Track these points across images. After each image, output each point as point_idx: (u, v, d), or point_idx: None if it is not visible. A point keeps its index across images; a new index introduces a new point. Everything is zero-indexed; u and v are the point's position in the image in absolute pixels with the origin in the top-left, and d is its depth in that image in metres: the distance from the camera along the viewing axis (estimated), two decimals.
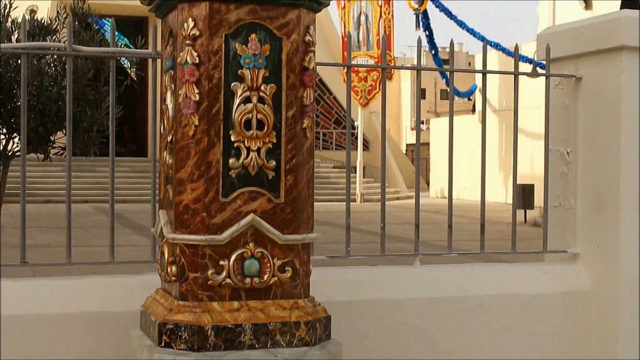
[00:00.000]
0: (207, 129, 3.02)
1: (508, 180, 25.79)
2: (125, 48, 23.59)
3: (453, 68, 4.23)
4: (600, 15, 4.40)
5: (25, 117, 3.76)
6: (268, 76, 3.06)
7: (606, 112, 4.21)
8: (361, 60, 25.01)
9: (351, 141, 5.27)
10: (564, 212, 4.44)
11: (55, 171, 23.42)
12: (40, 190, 23.45)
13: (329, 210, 15.22)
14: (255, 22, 3.05)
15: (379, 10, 24.63)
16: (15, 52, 4.47)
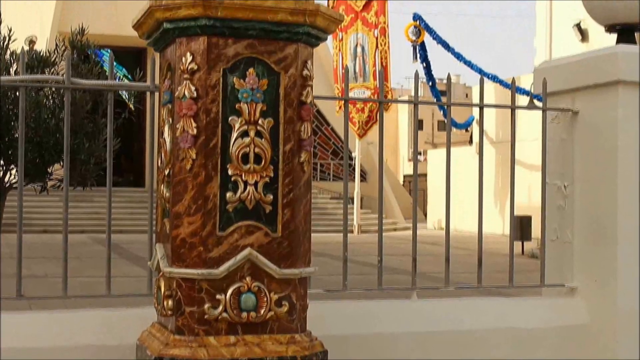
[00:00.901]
0: (204, 162, 3.03)
1: (505, 212, 25.78)
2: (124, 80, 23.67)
3: (450, 102, 4.25)
4: (597, 50, 4.43)
5: (22, 149, 3.77)
6: (266, 110, 3.07)
7: (603, 146, 4.22)
8: (358, 92, 25.08)
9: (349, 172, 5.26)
10: (562, 245, 4.44)
11: (52, 201, 23.40)
12: (37, 220, 23.39)
13: (327, 241, 15.18)
14: (253, 57, 3.07)
15: (375, 41, 24.74)
16: (14, 85, 4.48)
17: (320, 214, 26.58)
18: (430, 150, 37.68)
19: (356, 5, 25.19)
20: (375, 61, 24.67)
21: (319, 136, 31.83)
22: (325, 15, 3.12)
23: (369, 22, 24.95)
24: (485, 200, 4.45)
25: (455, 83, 61.03)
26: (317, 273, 3.44)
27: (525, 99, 20.85)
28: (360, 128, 25.50)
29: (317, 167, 32.04)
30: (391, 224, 29.80)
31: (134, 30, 3.36)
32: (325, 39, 3.26)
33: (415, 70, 4.24)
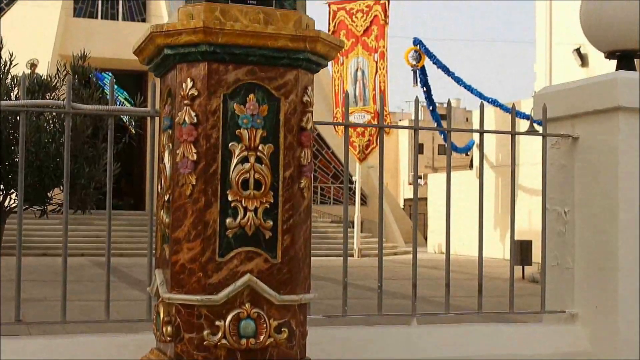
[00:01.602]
0: (204, 188, 3.02)
1: (505, 236, 25.75)
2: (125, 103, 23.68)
3: (450, 127, 4.25)
4: (597, 76, 4.43)
5: (22, 174, 3.77)
6: (266, 136, 3.07)
7: (603, 172, 4.22)
8: (358, 115, 25.12)
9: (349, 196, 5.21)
10: (562, 271, 4.42)
11: (52, 223, 23.37)
12: (37, 242, 23.36)
13: (326, 265, 15.15)
14: (254, 83, 3.07)
15: (375, 65, 24.82)
16: (15, 109, 4.49)
17: (320, 237, 26.55)
18: (431, 174, 37.70)
19: (357, 29, 25.29)
20: (376, 85, 24.74)
21: (319, 160, 31.85)
22: (325, 41, 3.13)
23: (369, 47, 25.04)
24: (485, 225, 4.45)
25: (455, 107, 61.13)
26: (317, 297, 3.43)
27: (526, 123, 20.88)
28: (361, 152, 25.52)
29: (318, 191, 32.04)
30: (391, 247, 29.76)
31: (135, 56, 3.37)
32: (325, 65, 3.27)
33: (416, 96, 4.24)
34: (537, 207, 4.63)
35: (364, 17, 25.24)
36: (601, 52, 4.63)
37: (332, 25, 25.64)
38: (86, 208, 12.55)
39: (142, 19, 31.53)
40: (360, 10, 25.33)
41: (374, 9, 25.00)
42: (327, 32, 15.03)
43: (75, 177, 11.83)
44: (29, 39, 26.64)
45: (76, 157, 11.80)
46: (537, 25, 25.73)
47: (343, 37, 25.05)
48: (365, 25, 25.11)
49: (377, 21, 24.92)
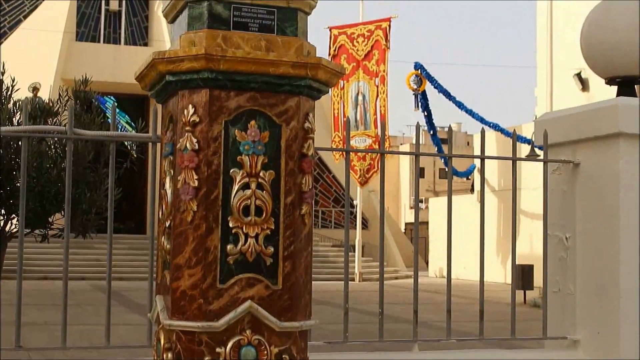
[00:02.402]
0: (205, 214, 3.02)
1: (507, 261, 25.71)
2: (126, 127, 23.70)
3: (451, 153, 4.26)
4: (597, 103, 4.44)
5: (24, 199, 3.77)
6: (267, 163, 3.07)
7: (604, 198, 4.22)
8: (359, 139, 25.14)
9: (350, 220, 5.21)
10: (564, 297, 4.41)
11: (53, 247, 23.35)
12: (38, 266, 23.33)
13: (328, 289, 15.11)
14: (255, 109, 3.08)
15: (375, 90, 24.88)
16: (17, 135, 4.50)
17: (321, 261, 26.52)
18: (432, 199, 37.67)
19: (358, 54, 25.36)
20: (377, 109, 24.77)
21: (320, 184, 31.86)
22: (327, 68, 3.14)
23: (370, 71, 25.10)
24: (487, 249, 4.44)
25: (456, 131, 61.22)
26: (318, 322, 3.42)
27: (527, 148, 20.90)
28: (362, 176, 25.52)
29: (319, 215, 32.02)
30: (392, 272, 29.71)
31: (137, 82, 3.38)
32: (326, 91, 3.28)
33: (417, 122, 4.25)
34: (539, 232, 4.63)
35: (365, 41, 25.31)
36: (602, 78, 4.64)
37: (333, 49, 25.70)
38: (87, 233, 12.53)
39: (144, 43, 31.67)
40: (361, 34, 25.42)
41: (375, 33, 25.08)
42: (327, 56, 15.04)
43: (77, 202, 11.84)
44: (32, 63, 26.74)
45: (77, 182, 11.81)
46: (538, 50, 25.82)
47: (344, 61, 25.13)
48: (366, 50, 25.18)
49: (378, 45, 24.99)
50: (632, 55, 4.45)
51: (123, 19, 31.69)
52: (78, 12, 31.24)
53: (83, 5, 31.38)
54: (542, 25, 24.85)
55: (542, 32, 24.99)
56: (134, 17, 32.06)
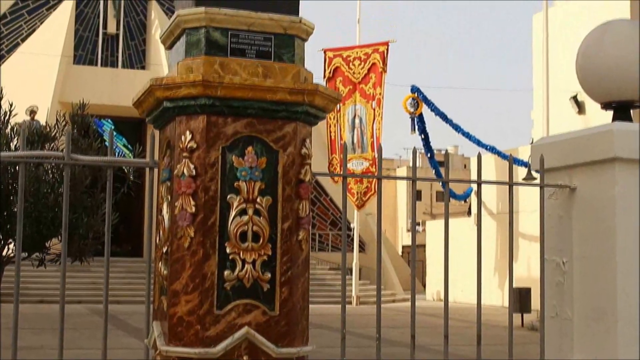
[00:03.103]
0: (202, 240, 3.03)
1: (504, 284, 25.67)
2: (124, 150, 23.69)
3: (448, 178, 4.27)
4: (593, 127, 4.45)
5: (21, 224, 3.77)
6: (264, 188, 3.08)
7: (601, 223, 4.22)
8: (356, 162, 25.13)
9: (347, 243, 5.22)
10: (561, 322, 4.41)
11: (49, 271, 23.30)
12: (34, 290, 23.26)
13: (325, 313, 15.10)
14: (252, 135, 3.09)
15: (372, 113, 24.91)
16: (15, 161, 4.51)
17: (318, 285, 26.46)
18: (429, 222, 37.65)
19: (354, 77, 25.41)
20: (374, 132, 24.80)
21: (317, 207, 31.84)
22: (323, 94, 3.15)
23: (366, 94, 25.14)
24: (484, 272, 4.44)
25: (453, 154, 61.30)
26: (316, 345, 3.42)
27: (524, 171, 20.94)
28: (359, 199, 25.50)
29: (316, 238, 31.98)
30: (390, 295, 29.64)
31: (135, 108, 3.39)
32: (323, 117, 3.29)
33: (414, 147, 4.26)
34: (536, 254, 4.63)
35: (361, 64, 25.36)
36: (597, 103, 4.66)
37: (328, 71, 25.72)
38: (84, 258, 12.51)
39: (141, 67, 31.75)
40: (357, 57, 25.47)
41: (372, 56, 25.14)
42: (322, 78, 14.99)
43: (74, 227, 11.83)
44: (29, 86, 26.79)
45: (75, 207, 11.80)
46: (534, 73, 25.91)
47: (339, 84, 25.18)
48: (363, 73, 25.23)
49: (375, 69, 25.04)
50: (627, 80, 4.47)
51: (121, 43, 31.78)
52: (76, 36, 31.32)
53: (81, 28, 31.48)
54: (538, 49, 24.95)
55: (538, 55, 25.08)
56: (132, 40, 32.15)
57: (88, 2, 31.70)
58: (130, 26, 32.18)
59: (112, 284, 21.35)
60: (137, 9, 32.33)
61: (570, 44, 22.17)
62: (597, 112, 4.78)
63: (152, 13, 31.90)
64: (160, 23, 30.59)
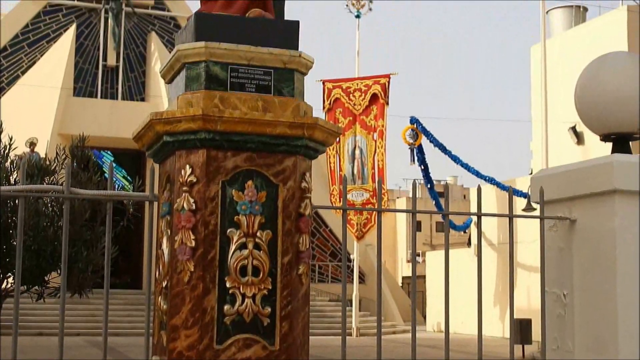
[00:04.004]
0: (202, 275, 3.02)
1: (505, 315, 25.58)
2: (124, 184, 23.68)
3: (447, 211, 4.26)
4: (593, 159, 4.46)
5: (20, 258, 3.75)
6: (264, 222, 3.08)
7: (601, 255, 4.21)
8: (356, 193, 25.12)
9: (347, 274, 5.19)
10: (562, 354, 4.38)
11: (48, 303, 23.21)
12: (33, 322, 23.16)
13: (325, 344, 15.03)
14: (252, 169, 3.09)
15: (374, 144, 24.92)
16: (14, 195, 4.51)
17: (318, 316, 26.36)
18: (429, 252, 37.57)
19: (354, 108, 25.46)
20: (375, 164, 24.80)
21: (317, 238, 31.79)
22: (323, 128, 3.16)
23: (367, 125, 25.18)
24: (485, 303, 4.43)
25: (452, 184, 61.31)
26: None
27: (523, 202, 20.92)
28: (359, 230, 25.46)
29: (315, 269, 31.89)
30: (390, 326, 29.52)
31: (134, 142, 3.39)
32: (323, 151, 3.30)
33: (414, 180, 4.26)
34: (536, 285, 4.61)
35: (362, 95, 25.42)
36: (596, 135, 4.67)
37: (328, 102, 25.76)
38: (83, 292, 12.45)
39: (141, 99, 31.84)
40: (357, 89, 25.54)
41: (372, 88, 25.20)
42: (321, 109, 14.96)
43: (73, 261, 11.79)
44: (29, 117, 26.85)
45: (74, 240, 11.77)
46: (533, 103, 25.99)
47: (339, 115, 25.21)
48: (364, 104, 25.28)
49: (376, 101, 25.09)
50: (626, 112, 4.48)
51: (120, 75, 31.90)
52: (76, 68, 31.44)
53: (81, 61, 31.61)
54: (537, 80, 25.04)
55: (536, 86, 25.17)
56: (131, 72, 32.27)
57: (88, 35, 31.87)
58: (130, 58, 32.31)
59: (111, 316, 21.27)
60: (136, 41, 32.48)
61: (568, 75, 22.28)
62: (596, 142, 4.79)
63: (152, 45, 32.04)
64: (159, 55, 30.71)
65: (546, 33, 24.32)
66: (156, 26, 32.61)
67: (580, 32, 24.96)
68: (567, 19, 27.35)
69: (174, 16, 32.59)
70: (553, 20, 27.74)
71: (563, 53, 24.67)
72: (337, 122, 24.70)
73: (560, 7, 28.13)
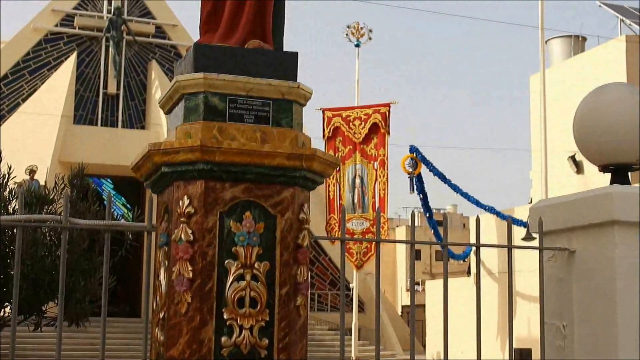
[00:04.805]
0: (199, 306, 3.00)
1: (505, 344, 25.45)
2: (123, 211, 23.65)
3: (446, 242, 4.25)
4: (592, 190, 4.45)
5: (17, 287, 3.74)
6: (262, 253, 3.07)
7: (601, 286, 4.20)
8: (356, 222, 25.07)
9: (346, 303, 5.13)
10: None
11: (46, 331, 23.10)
12: (31, 350, 23.05)
13: None
14: (250, 200, 3.09)
15: (374, 173, 24.89)
16: (13, 225, 4.50)
17: (317, 345, 26.23)
18: (429, 281, 37.45)
19: (355, 137, 25.47)
20: (375, 192, 24.77)
21: (316, 266, 31.71)
22: (321, 159, 3.16)
23: (368, 155, 25.17)
24: (485, 332, 4.40)
25: (452, 213, 61.25)
26: None
27: (522, 231, 20.90)
28: (358, 259, 25.39)
29: (315, 298, 31.78)
30: (390, 355, 29.39)
31: (133, 172, 3.39)
32: (321, 182, 3.29)
33: (412, 211, 4.26)
34: (536, 315, 4.60)
35: (362, 124, 25.43)
36: (595, 165, 4.66)
37: (328, 131, 25.76)
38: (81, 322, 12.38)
39: (141, 126, 31.89)
40: (357, 118, 25.56)
41: (372, 117, 25.22)
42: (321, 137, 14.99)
43: (71, 291, 11.73)
44: (30, 145, 26.88)
45: (72, 270, 11.72)
46: (532, 132, 26.04)
47: (339, 144, 25.22)
48: (364, 133, 25.28)
49: (377, 130, 25.10)
50: (624, 143, 4.48)
51: (121, 103, 31.96)
52: (76, 96, 31.51)
53: (81, 88, 31.68)
54: (536, 109, 25.11)
55: (536, 115, 25.22)
56: (132, 100, 32.34)
57: (89, 63, 31.97)
58: (130, 86, 32.40)
59: (109, 344, 21.18)
60: (137, 69, 32.58)
61: (567, 104, 22.33)
62: (596, 172, 4.79)
63: (152, 73, 32.14)
64: (160, 83, 30.80)
65: (545, 62, 24.40)
66: (157, 54, 32.73)
67: (579, 62, 25.05)
68: (566, 49, 27.47)
69: (175, 44, 32.72)
70: (552, 49, 27.86)
71: (562, 82, 24.74)
72: (337, 150, 24.72)
73: (559, 37, 28.27)
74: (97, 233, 11.97)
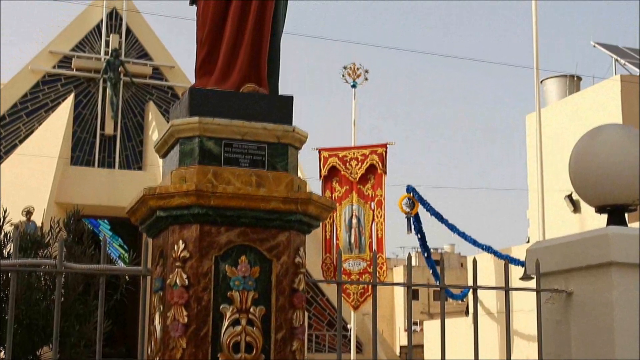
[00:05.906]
0: (194, 352, 2.98)
1: None
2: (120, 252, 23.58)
3: (443, 284, 4.23)
4: (588, 232, 4.44)
5: (11, 332, 3.71)
6: (257, 298, 3.05)
7: (599, 328, 4.17)
8: (353, 262, 24.95)
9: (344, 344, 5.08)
10: None
11: None
12: None
13: None
14: (245, 244, 3.08)
15: (371, 214, 24.81)
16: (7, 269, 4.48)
17: None
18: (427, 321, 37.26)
19: (352, 176, 25.45)
20: (372, 233, 24.70)
21: (313, 307, 31.55)
22: (317, 203, 3.15)
23: (365, 195, 25.12)
24: None
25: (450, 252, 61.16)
26: None
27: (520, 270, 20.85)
28: (355, 300, 25.24)
29: (312, 339, 31.59)
30: None
31: (128, 217, 3.38)
32: (317, 226, 3.28)
33: (409, 254, 4.25)
34: (535, 355, 4.57)
35: (358, 165, 25.41)
36: (591, 206, 4.66)
37: (324, 170, 25.74)
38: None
39: (138, 167, 31.88)
40: (354, 158, 25.54)
41: (369, 157, 25.21)
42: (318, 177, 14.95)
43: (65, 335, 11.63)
44: (26, 186, 26.83)
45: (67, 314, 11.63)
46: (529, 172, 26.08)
47: (336, 184, 25.20)
48: (360, 173, 25.27)
49: (374, 170, 25.08)
50: (620, 184, 4.48)
51: (118, 144, 31.95)
52: (73, 137, 31.51)
53: (78, 130, 31.70)
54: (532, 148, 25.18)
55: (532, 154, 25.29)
56: (129, 141, 32.36)
57: (86, 104, 32.03)
58: (127, 127, 32.44)
59: None
60: (134, 110, 32.65)
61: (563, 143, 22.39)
62: (593, 211, 4.79)
63: (150, 115, 32.21)
64: (157, 124, 30.86)
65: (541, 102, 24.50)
66: (154, 96, 32.82)
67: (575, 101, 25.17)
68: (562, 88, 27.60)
69: (172, 86, 32.81)
70: (547, 89, 28.00)
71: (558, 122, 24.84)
72: (334, 190, 24.67)
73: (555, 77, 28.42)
74: (92, 277, 11.91)
